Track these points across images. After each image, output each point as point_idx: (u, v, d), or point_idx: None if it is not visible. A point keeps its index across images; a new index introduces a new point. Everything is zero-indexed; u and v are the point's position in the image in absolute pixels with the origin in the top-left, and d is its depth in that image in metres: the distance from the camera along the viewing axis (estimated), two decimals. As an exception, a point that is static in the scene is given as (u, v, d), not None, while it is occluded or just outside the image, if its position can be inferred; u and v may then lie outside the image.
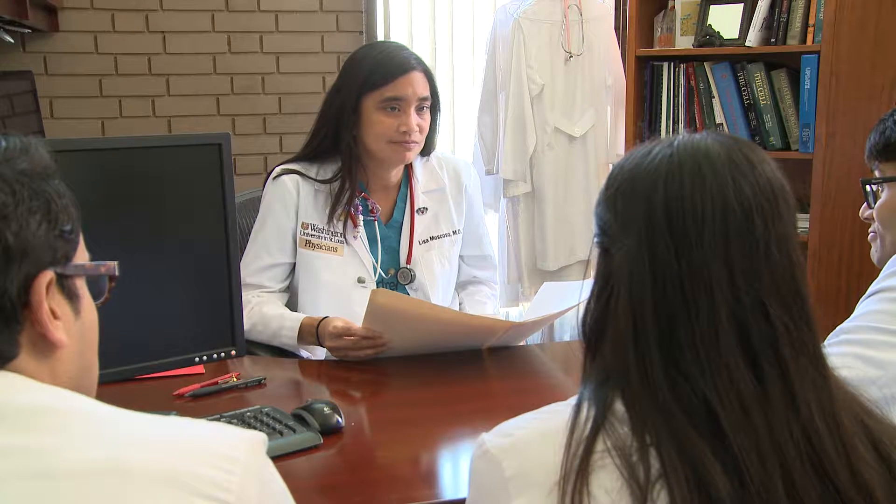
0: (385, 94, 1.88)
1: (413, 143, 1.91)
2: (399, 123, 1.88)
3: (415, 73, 1.89)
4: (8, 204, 0.70)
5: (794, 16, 2.68)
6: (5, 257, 0.69)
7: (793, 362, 0.78)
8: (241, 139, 3.32)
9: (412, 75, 1.89)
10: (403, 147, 1.90)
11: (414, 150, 1.93)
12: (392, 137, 1.89)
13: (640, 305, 0.79)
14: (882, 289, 1.29)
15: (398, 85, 1.88)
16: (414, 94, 1.88)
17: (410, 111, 1.89)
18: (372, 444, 1.43)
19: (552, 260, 3.26)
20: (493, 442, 0.82)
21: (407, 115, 1.88)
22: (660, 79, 2.96)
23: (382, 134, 1.89)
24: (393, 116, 1.88)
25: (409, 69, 1.89)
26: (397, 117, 1.88)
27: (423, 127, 1.92)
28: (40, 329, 0.72)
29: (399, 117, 1.88)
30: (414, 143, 1.91)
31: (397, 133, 1.88)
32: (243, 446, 0.71)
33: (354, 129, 1.91)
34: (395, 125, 1.88)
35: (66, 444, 0.66)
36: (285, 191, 1.93)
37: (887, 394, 1.18)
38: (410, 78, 1.88)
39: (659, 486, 0.74)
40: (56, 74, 3.16)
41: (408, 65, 1.89)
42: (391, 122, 1.88)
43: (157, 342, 1.40)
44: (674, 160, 0.81)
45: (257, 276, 1.93)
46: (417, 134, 1.90)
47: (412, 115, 1.89)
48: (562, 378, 1.74)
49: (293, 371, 1.75)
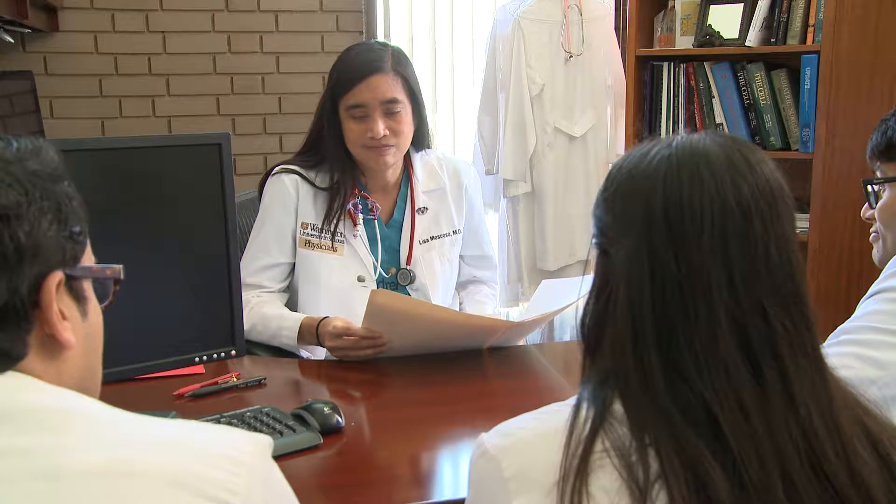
0: (349, 102, 1.86)
1: (387, 147, 1.88)
2: (366, 129, 1.86)
3: (376, 76, 1.85)
4: (21, 203, 0.70)
5: (794, 16, 2.68)
6: (17, 256, 0.69)
7: (792, 363, 0.78)
8: (241, 139, 3.32)
9: (372, 79, 1.85)
10: (377, 152, 1.88)
11: (391, 154, 1.90)
12: (364, 143, 1.87)
13: (639, 306, 0.79)
14: (882, 289, 1.29)
15: (358, 92, 1.85)
16: (375, 98, 1.85)
17: (376, 116, 1.85)
18: (372, 444, 1.43)
19: (552, 260, 3.26)
20: (492, 442, 0.82)
21: (373, 121, 1.85)
22: (660, 79, 2.96)
23: (355, 141, 1.88)
24: (361, 123, 1.86)
25: (367, 73, 1.85)
26: (364, 123, 1.86)
27: (396, 129, 1.88)
28: (49, 330, 0.72)
29: (366, 123, 1.86)
30: (388, 147, 1.88)
31: (367, 139, 1.86)
32: (248, 449, 0.71)
33: (339, 135, 1.90)
34: (363, 131, 1.86)
35: (72, 446, 0.66)
36: (284, 190, 1.93)
37: (887, 394, 1.18)
38: (370, 83, 1.85)
39: (658, 486, 0.74)
40: (56, 74, 3.16)
41: (367, 69, 1.85)
42: (359, 128, 1.87)
43: (157, 342, 1.40)
44: (672, 161, 0.81)
45: (257, 277, 1.93)
46: (390, 137, 1.87)
47: (378, 121, 1.85)
48: (562, 378, 1.74)
49: (293, 371, 1.75)
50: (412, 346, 1.74)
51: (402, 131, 1.90)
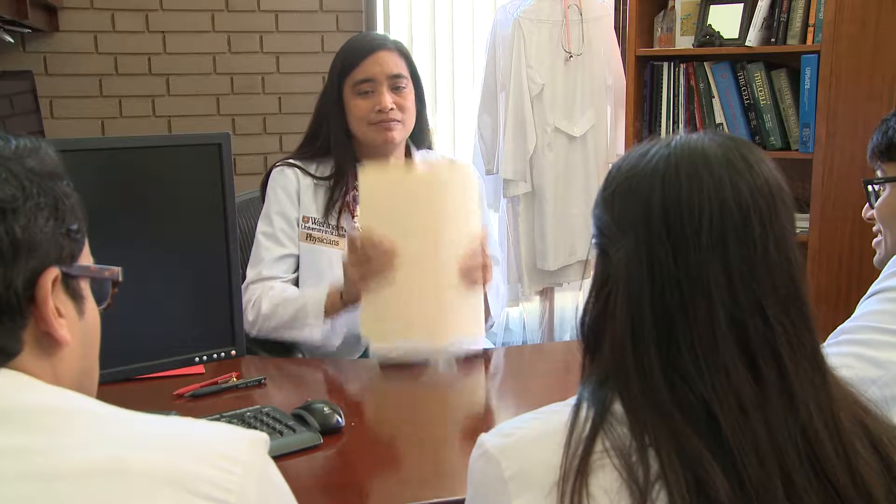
0: (356, 78, 1.89)
1: (394, 122, 1.89)
2: (374, 104, 1.88)
3: (382, 51, 1.90)
4: (17, 198, 0.71)
5: (794, 16, 2.68)
6: (13, 250, 0.70)
7: (791, 363, 0.78)
8: (241, 139, 3.32)
9: (379, 54, 1.89)
10: (383, 127, 1.89)
11: (397, 130, 1.91)
12: (370, 119, 1.89)
13: (639, 306, 0.79)
14: (882, 289, 1.29)
15: (366, 66, 1.89)
16: (382, 72, 1.88)
17: (383, 90, 1.88)
18: (372, 444, 1.43)
19: (552, 260, 3.26)
20: (492, 442, 0.82)
21: (380, 94, 1.88)
22: (660, 79, 2.96)
23: (361, 117, 1.90)
24: (368, 98, 1.89)
25: (374, 48, 1.89)
26: (371, 98, 1.89)
27: (403, 104, 1.91)
28: (44, 326, 0.73)
29: (373, 98, 1.89)
30: (395, 122, 1.90)
31: (374, 114, 1.88)
32: (244, 446, 0.71)
33: (343, 120, 1.92)
34: (370, 106, 1.89)
35: (68, 444, 0.66)
36: (287, 180, 1.94)
37: (887, 394, 1.18)
38: (377, 57, 1.89)
39: (658, 486, 0.74)
40: (56, 74, 3.16)
41: (374, 44, 1.90)
42: (366, 104, 1.89)
43: (157, 342, 1.40)
44: (671, 161, 0.81)
45: (273, 268, 1.92)
46: (397, 112, 1.89)
47: (385, 94, 1.88)
48: (562, 378, 1.74)
49: (293, 371, 1.76)
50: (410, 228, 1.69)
51: (407, 107, 1.92)
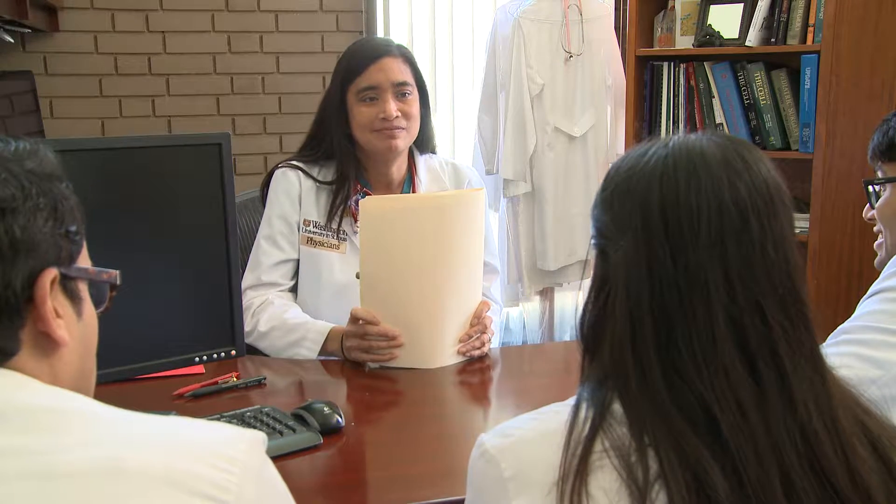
0: (360, 85, 1.88)
1: (398, 130, 1.88)
2: (378, 111, 1.87)
3: (386, 58, 1.87)
4: (17, 198, 0.71)
5: (794, 16, 2.68)
6: (12, 249, 0.70)
7: (790, 363, 0.78)
8: (241, 139, 3.32)
9: (383, 61, 1.87)
10: (387, 135, 1.88)
11: (401, 137, 1.90)
12: (374, 126, 1.88)
13: (637, 307, 0.79)
14: (882, 289, 1.29)
15: (370, 73, 1.87)
16: (387, 79, 1.87)
17: (388, 97, 1.87)
18: (372, 444, 1.43)
19: (552, 260, 3.26)
20: (492, 442, 0.82)
21: (385, 102, 1.86)
22: (660, 79, 2.96)
23: (365, 125, 1.88)
24: (372, 106, 1.87)
25: (379, 55, 1.87)
26: (376, 106, 1.87)
27: (408, 112, 1.89)
28: (42, 326, 0.73)
29: (377, 105, 1.87)
30: (399, 129, 1.88)
31: (378, 121, 1.87)
32: (242, 446, 0.71)
33: (346, 125, 1.91)
34: (374, 114, 1.87)
35: (66, 444, 0.66)
36: (290, 183, 1.93)
37: (887, 394, 1.17)
38: (382, 64, 1.87)
39: (657, 486, 0.74)
40: (56, 74, 3.16)
41: (379, 51, 1.88)
42: (370, 111, 1.87)
43: (158, 342, 1.40)
44: (669, 161, 0.81)
45: (272, 274, 1.92)
46: (401, 119, 1.88)
47: (390, 102, 1.86)
48: (562, 378, 1.74)
49: (293, 371, 1.75)
50: (410, 262, 1.70)
51: (412, 114, 1.91)
